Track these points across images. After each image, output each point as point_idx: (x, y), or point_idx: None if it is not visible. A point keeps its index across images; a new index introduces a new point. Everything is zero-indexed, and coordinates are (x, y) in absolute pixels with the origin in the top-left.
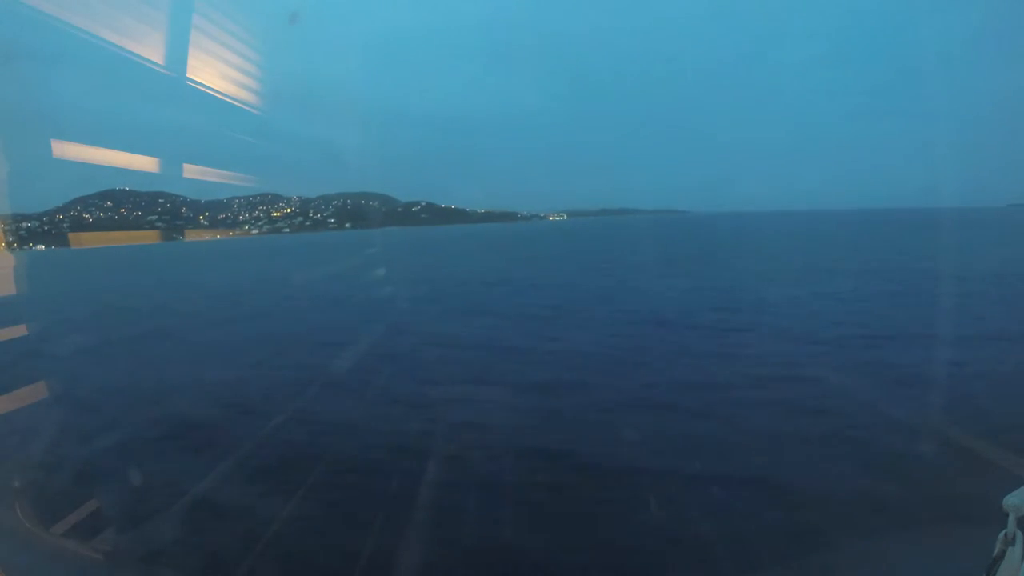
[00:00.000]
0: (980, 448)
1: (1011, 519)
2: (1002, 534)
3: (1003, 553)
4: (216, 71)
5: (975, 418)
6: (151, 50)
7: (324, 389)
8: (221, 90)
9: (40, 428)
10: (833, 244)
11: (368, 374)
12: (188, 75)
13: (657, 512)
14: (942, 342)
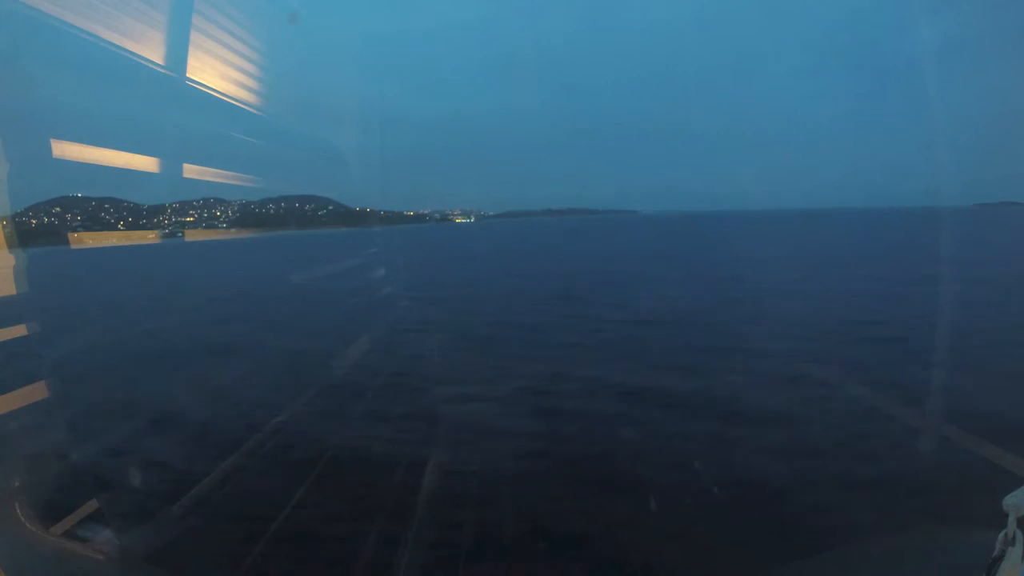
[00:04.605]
0: None
1: (1011, 519)
2: (1002, 534)
3: (1003, 553)
4: (216, 71)
5: None
6: (152, 50)
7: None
8: (218, 88)
9: None
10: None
11: None
12: (188, 75)
13: None
14: None
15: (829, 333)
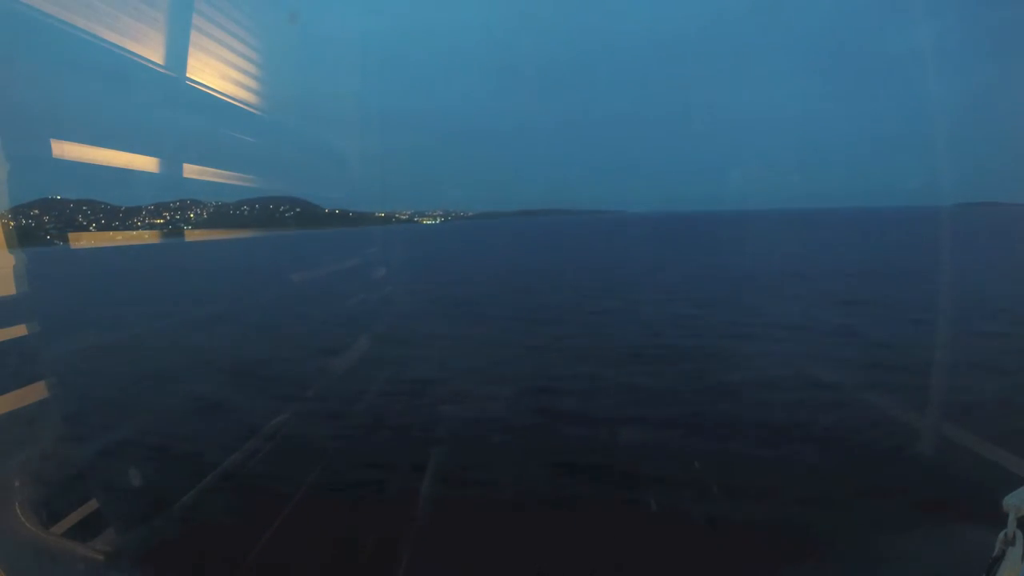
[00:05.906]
0: None
1: (1011, 519)
2: (1002, 534)
3: (1003, 553)
4: (216, 70)
5: None
6: (152, 50)
7: None
8: (214, 87)
9: None
10: None
11: None
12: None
13: None
14: None
15: None
